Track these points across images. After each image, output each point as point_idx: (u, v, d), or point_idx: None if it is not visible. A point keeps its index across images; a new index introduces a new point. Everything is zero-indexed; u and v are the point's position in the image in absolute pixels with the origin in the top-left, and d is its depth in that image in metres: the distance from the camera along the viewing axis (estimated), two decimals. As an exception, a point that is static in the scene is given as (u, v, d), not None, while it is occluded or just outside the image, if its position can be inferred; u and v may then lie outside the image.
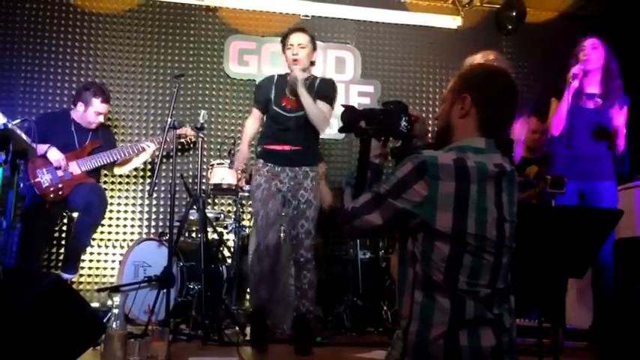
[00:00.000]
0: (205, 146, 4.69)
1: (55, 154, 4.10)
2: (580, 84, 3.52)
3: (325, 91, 3.40)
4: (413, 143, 1.69)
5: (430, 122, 5.51)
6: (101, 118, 4.35)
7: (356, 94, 5.39)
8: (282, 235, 3.64)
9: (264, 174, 3.34)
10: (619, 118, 3.57)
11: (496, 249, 1.59)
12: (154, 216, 4.97)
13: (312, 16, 5.36)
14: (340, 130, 1.95)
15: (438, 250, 1.56)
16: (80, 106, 4.30)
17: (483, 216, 1.57)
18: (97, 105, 4.28)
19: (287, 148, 3.33)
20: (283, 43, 3.41)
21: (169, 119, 3.57)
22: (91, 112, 4.28)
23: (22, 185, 3.87)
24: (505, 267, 1.63)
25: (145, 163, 4.77)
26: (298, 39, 3.36)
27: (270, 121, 3.43)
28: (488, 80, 1.72)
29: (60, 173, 4.11)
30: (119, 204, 4.93)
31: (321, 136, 3.52)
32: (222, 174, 4.30)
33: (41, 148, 3.98)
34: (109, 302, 4.07)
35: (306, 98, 3.25)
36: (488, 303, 1.57)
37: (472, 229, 1.55)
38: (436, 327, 1.54)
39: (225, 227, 4.57)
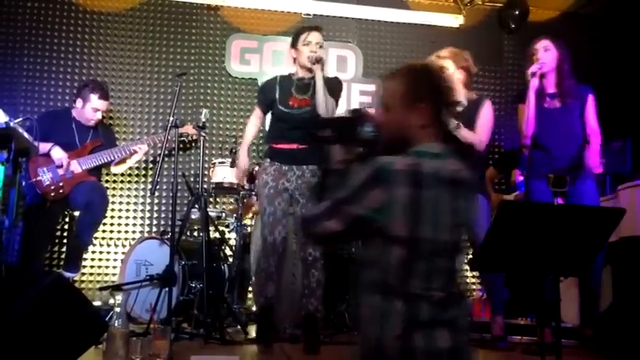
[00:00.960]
0: (207, 145, 4.69)
1: (58, 153, 4.10)
2: (540, 85, 3.53)
3: (331, 87, 3.39)
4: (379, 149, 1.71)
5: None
6: (99, 115, 4.34)
7: (357, 92, 5.39)
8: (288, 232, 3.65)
9: (271, 173, 3.34)
10: (588, 113, 3.58)
11: (451, 253, 1.63)
12: (155, 215, 4.98)
13: (314, 14, 5.36)
14: (307, 139, 2.01)
15: (393, 254, 1.58)
16: (79, 103, 4.31)
17: (438, 221, 1.59)
18: (95, 101, 4.27)
19: (294, 146, 3.33)
20: (297, 38, 3.39)
21: (171, 118, 3.57)
22: (88, 109, 4.28)
23: (23, 184, 3.87)
24: (459, 271, 1.69)
25: (146, 162, 4.77)
26: (317, 38, 3.37)
27: (276, 121, 3.42)
28: (438, 83, 1.74)
29: (61, 172, 4.11)
30: (121, 202, 4.93)
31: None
32: (224, 173, 4.30)
33: (44, 146, 3.99)
34: (111, 301, 4.07)
35: (320, 80, 3.25)
36: (442, 306, 1.59)
37: (427, 235, 1.57)
38: (392, 330, 1.56)
39: (227, 226, 4.57)
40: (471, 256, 5.31)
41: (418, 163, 1.60)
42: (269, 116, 3.55)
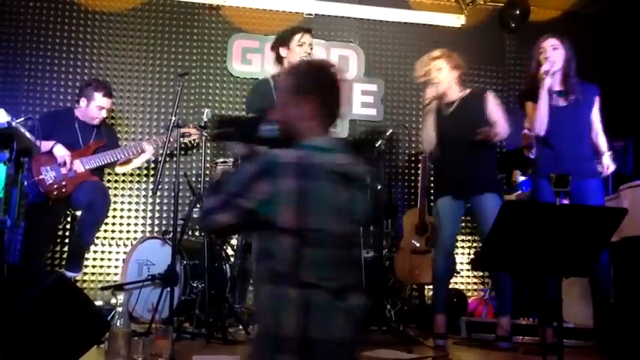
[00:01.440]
0: (209, 145, 4.69)
1: (60, 150, 4.10)
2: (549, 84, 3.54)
3: None
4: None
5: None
6: (104, 113, 4.35)
7: (359, 92, 5.39)
8: None
9: None
10: (594, 111, 3.60)
11: (343, 244, 1.69)
12: (157, 214, 4.98)
13: (316, 14, 5.36)
14: (211, 138, 2.08)
15: (284, 244, 1.63)
16: (83, 102, 4.31)
17: (326, 212, 1.65)
18: (99, 99, 4.28)
19: None
20: (290, 37, 3.38)
21: (173, 118, 3.57)
22: (93, 107, 4.28)
23: (25, 183, 3.88)
24: (355, 262, 1.73)
25: (147, 162, 4.77)
26: (311, 40, 3.37)
27: None
28: (328, 79, 1.79)
29: (63, 171, 4.12)
30: (123, 202, 4.94)
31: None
32: (226, 172, 4.30)
33: (46, 144, 3.99)
34: (113, 300, 4.07)
35: None
36: (338, 295, 1.64)
37: (315, 225, 1.63)
38: (287, 319, 1.59)
39: (229, 226, 4.56)
40: (472, 256, 5.33)
41: (304, 155, 1.67)
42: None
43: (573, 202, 3.41)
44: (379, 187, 4.56)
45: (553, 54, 3.55)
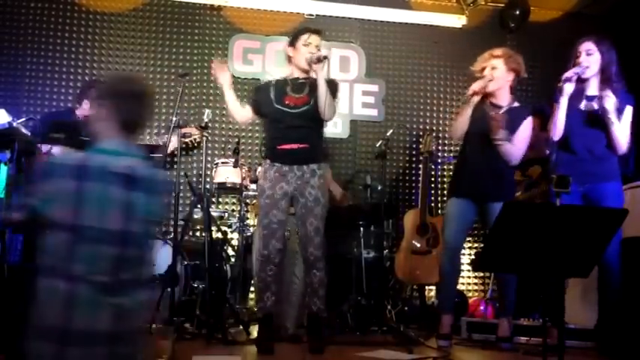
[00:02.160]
0: (210, 145, 4.69)
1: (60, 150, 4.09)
2: (579, 87, 3.47)
3: (329, 88, 3.37)
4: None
5: (435, 120, 5.51)
6: None
7: (360, 93, 5.39)
8: (286, 234, 3.65)
9: (271, 177, 3.31)
10: (622, 119, 3.51)
11: (120, 242, 1.80)
12: (158, 215, 4.97)
13: (317, 15, 5.36)
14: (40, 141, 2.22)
15: (59, 239, 1.77)
16: (86, 104, 4.30)
17: (102, 210, 1.79)
18: None
19: (295, 146, 3.31)
20: (297, 38, 3.38)
21: (174, 118, 3.58)
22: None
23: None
24: (134, 260, 1.85)
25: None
26: (318, 41, 3.37)
27: (273, 121, 3.40)
28: (126, 88, 1.96)
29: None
30: (123, 203, 4.93)
31: (325, 136, 3.50)
32: (227, 173, 4.30)
33: (46, 145, 3.98)
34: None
35: (322, 78, 3.24)
36: (107, 290, 1.76)
37: (88, 222, 1.77)
38: (51, 310, 1.72)
39: (230, 226, 4.57)
40: (473, 257, 5.33)
41: (86, 158, 1.84)
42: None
43: (591, 204, 3.40)
44: (379, 188, 4.57)
45: (586, 59, 3.45)
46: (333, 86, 3.40)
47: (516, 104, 3.67)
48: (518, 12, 5.48)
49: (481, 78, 3.60)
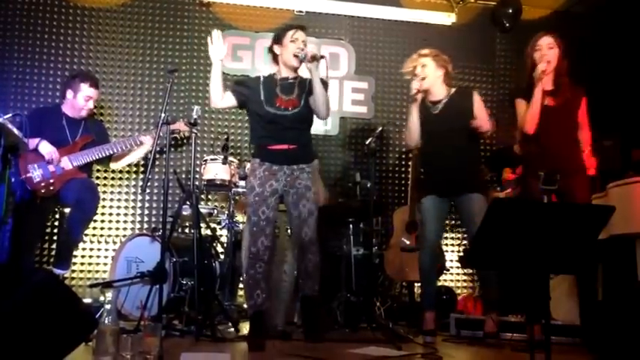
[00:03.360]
0: (199, 142, 4.68)
1: (46, 147, 4.07)
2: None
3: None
4: None
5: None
6: (91, 104, 4.32)
7: (350, 90, 5.39)
8: (275, 231, 3.66)
9: (260, 175, 3.32)
10: (581, 114, 3.62)
11: None
12: (146, 211, 4.96)
13: (307, 11, 5.36)
14: None
15: None
16: (69, 94, 4.28)
17: None
18: (86, 89, 4.26)
19: (285, 147, 3.32)
20: (284, 35, 3.37)
21: (163, 114, 3.55)
22: (80, 98, 4.26)
23: (13, 180, 3.84)
24: None
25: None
26: (304, 36, 3.37)
27: (262, 122, 3.39)
28: None
29: (51, 168, 4.09)
30: (112, 199, 4.91)
31: (315, 133, 3.52)
32: (216, 169, 4.29)
33: (32, 142, 3.96)
34: (102, 298, 4.06)
35: (317, 77, 3.23)
36: None
37: None
38: None
39: (219, 223, 4.56)
40: (461, 254, 5.36)
41: None
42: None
43: (561, 198, 3.43)
44: (369, 185, 4.57)
45: (549, 53, 3.55)
46: (323, 85, 3.40)
47: (453, 90, 3.82)
48: (511, 10, 5.51)
49: (414, 77, 3.74)
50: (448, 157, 3.68)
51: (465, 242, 5.36)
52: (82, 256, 4.78)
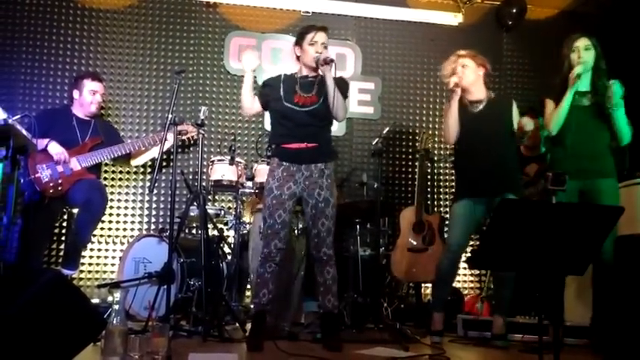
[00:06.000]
0: (206, 142, 4.68)
1: (55, 148, 4.09)
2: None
3: (339, 87, 3.34)
4: None
5: (431, 118, 5.52)
6: (98, 97, 4.35)
7: (356, 91, 5.38)
8: (296, 232, 3.75)
9: (279, 175, 3.30)
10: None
11: None
12: (154, 212, 4.97)
13: (313, 12, 5.36)
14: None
15: None
16: (76, 94, 4.34)
17: None
18: (89, 84, 4.31)
19: (303, 145, 3.29)
20: (303, 37, 3.36)
21: (170, 115, 3.57)
22: (86, 93, 4.30)
23: (22, 181, 3.86)
24: None
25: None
26: (324, 38, 3.35)
27: (281, 119, 3.38)
28: None
29: (60, 169, 4.11)
30: (119, 200, 4.93)
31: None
32: (223, 170, 4.30)
33: (41, 142, 3.97)
34: (110, 298, 4.07)
35: (331, 80, 3.22)
36: None
37: None
38: None
39: (226, 224, 4.57)
40: (469, 254, 5.34)
41: None
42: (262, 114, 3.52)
43: (587, 200, 3.42)
44: (375, 186, 4.57)
45: (585, 54, 3.51)
46: (344, 85, 3.40)
47: (493, 94, 3.80)
48: (515, 10, 5.50)
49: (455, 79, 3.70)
50: (486, 157, 3.60)
51: (472, 243, 5.33)
52: (90, 257, 4.79)
